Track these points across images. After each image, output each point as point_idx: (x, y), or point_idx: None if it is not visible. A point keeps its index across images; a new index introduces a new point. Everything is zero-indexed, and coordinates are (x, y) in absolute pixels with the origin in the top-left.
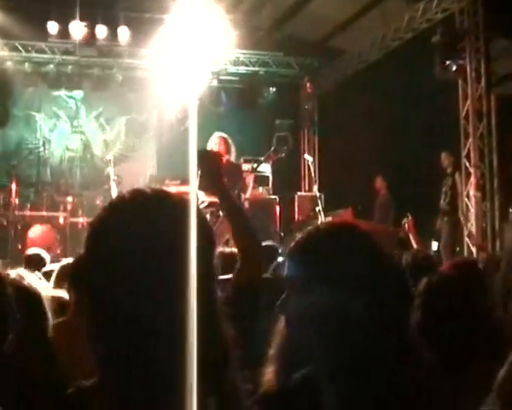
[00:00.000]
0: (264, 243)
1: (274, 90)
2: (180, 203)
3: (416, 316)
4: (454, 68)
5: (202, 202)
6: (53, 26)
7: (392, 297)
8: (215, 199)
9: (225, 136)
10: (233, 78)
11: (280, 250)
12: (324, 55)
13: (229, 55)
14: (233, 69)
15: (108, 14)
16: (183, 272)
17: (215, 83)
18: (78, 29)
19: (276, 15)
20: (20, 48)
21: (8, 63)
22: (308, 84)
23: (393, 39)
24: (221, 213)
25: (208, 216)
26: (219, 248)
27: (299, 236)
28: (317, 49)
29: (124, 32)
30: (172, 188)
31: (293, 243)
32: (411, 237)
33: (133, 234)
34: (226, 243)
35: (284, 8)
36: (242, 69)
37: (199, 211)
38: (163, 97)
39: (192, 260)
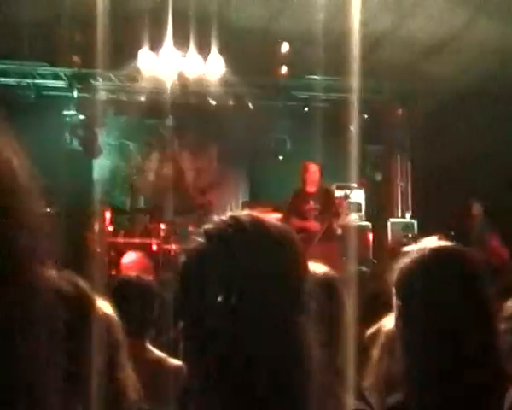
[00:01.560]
0: None
1: (365, 116)
2: (276, 230)
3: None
4: None
5: (295, 228)
6: (145, 55)
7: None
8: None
9: (317, 163)
10: (324, 104)
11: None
12: (415, 80)
13: (321, 82)
14: (324, 96)
15: (201, 41)
16: (279, 300)
17: (307, 110)
18: (170, 57)
19: (367, 41)
20: (113, 77)
21: (102, 93)
22: (400, 110)
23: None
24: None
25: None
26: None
27: (399, 262)
28: (408, 74)
29: (216, 60)
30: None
31: (398, 269)
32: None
33: (230, 262)
34: None
35: (375, 33)
36: (333, 96)
37: (294, 237)
38: (256, 124)
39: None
